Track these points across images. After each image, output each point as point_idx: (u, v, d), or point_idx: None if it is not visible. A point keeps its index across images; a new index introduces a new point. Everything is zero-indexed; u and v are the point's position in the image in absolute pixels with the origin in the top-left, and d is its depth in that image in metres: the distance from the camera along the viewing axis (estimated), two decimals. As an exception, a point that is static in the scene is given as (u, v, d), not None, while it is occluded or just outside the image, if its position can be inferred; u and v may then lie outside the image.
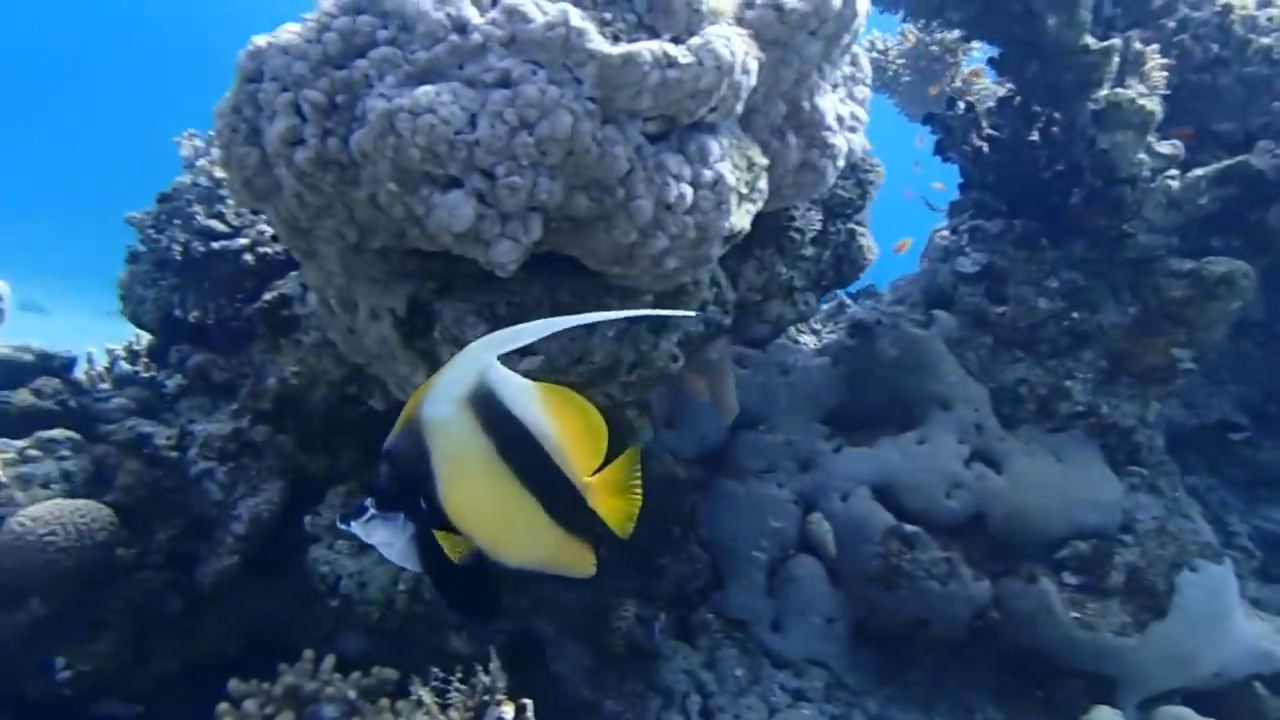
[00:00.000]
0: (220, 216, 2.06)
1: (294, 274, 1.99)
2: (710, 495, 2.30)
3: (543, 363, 1.40)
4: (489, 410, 0.92)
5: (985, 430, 2.17)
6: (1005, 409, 2.22)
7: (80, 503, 1.67)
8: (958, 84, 3.64)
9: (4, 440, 1.80)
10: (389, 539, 0.94)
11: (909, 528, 2.05)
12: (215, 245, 2.03)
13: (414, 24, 1.17)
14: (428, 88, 1.14)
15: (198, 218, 2.04)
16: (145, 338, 2.48)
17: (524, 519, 0.96)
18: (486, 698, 1.20)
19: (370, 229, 1.28)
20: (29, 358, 2.03)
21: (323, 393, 1.90)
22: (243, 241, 2.03)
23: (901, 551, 2.02)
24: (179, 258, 2.04)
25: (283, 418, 1.91)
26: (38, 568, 1.58)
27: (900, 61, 3.71)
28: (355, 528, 0.92)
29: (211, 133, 2.18)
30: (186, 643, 1.86)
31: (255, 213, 2.04)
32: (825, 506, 2.20)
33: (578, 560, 1.00)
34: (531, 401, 0.94)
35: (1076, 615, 1.91)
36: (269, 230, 2.03)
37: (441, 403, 0.91)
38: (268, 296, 1.94)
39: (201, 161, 2.08)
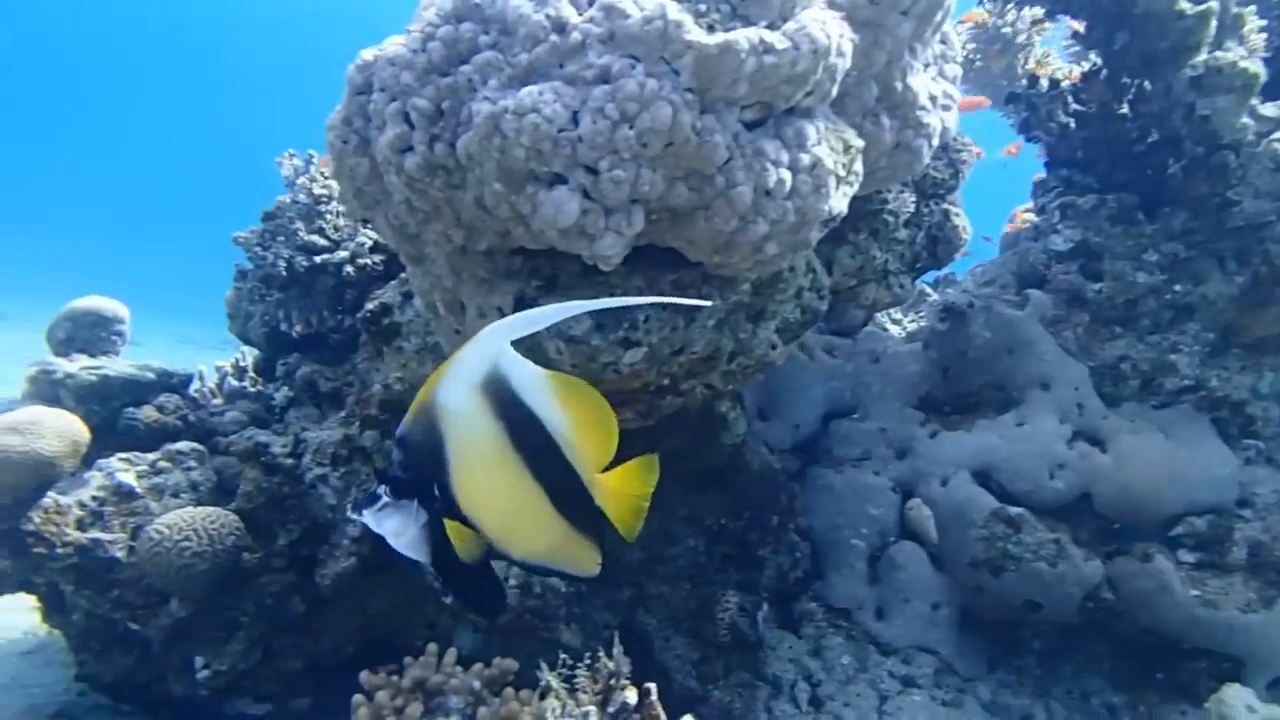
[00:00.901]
0: (320, 231, 2.15)
1: (393, 284, 2.05)
2: (806, 485, 2.30)
3: (646, 354, 1.42)
4: (501, 397, 0.92)
5: (1087, 409, 2.12)
6: (1106, 387, 2.17)
7: (209, 510, 1.75)
8: (1030, 65, 3.57)
9: (136, 454, 1.90)
10: (400, 528, 0.93)
11: (1013, 510, 2.02)
12: (317, 259, 2.11)
13: (515, 27, 1.20)
14: (530, 88, 1.17)
15: (300, 234, 2.12)
16: (249, 353, 2.59)
17: (530, 510, 0.95)
18: (612, 682, 1.22)
19: (477, 230, 1.32)
20: (151, 376, 2.14)
21: (426, 397, 1.96)
22: (342, 254, 2.10)
23: (1007, 534, 1.99)
24: (284, 273, 2.12)
25: (389, 422, 1.98)
26: (175, 572, 1.66)
27: (971, 46, 3.66)
28: (367, 517, 0.93)
29: (308, 154, 2.27)
30: (309, 642, 1.93)
31: (364, 223, 2.11)
32: (924, 492, 2.18)
33: (582, 558, 1.00)
34: (544, 391, 0.94)
35: (1196, 593, 1.85)
36: (367, 242, 2.10)
37: (456, 389, 0.90)
38: (370, 306, 2.01)
39: (301, 180, 2.16)
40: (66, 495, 1.74)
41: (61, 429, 1.73)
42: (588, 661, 1.29)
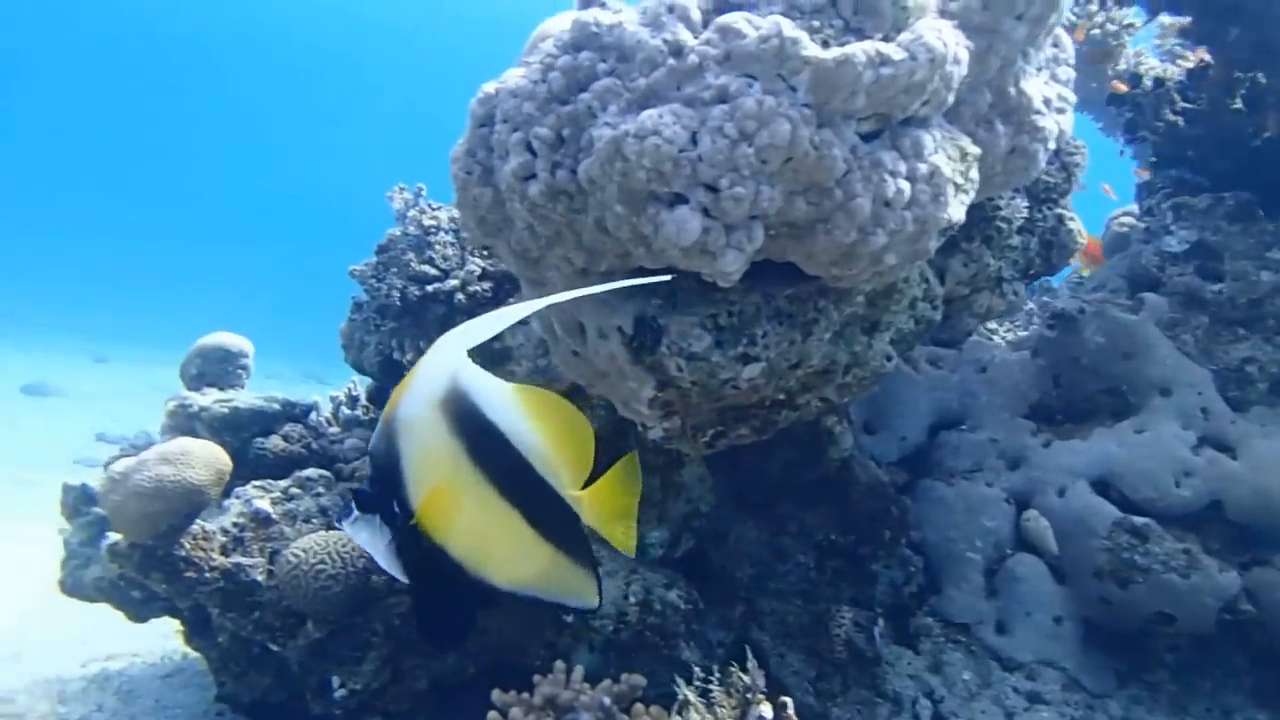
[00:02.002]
0: (430, 261, 2.22)
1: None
2: (917, 498, 2.27)
3: (764, 369, 1.43)
4: (460, 413, 0.87)
5: (1213, 413, 2.05)
6: (1231, 390, 2.09)
7: (340, 534, 1.82)
8: (1122, 65, 3.49)
9: (269, 481, 1.99)
10: (371, 541, 0.90)
11: (1138, 520, 1.96)
12: (429, 289, 2.18)
13: (632, 53, 1.24)
14: (650, 111, 1.21)
15: (412, 264, 2.20)
16: (362, 383, 2.68)
17: (503, 532, 0.90)
18: (748, 696, 1.23)
19: (597, 253, 1.36)
20: (276, 407, 2.24)
21: (538, 419, 2.01)
22: (452, 283, 2.17)
23: (1133, 545, 1.93)
24: (398, 303, 2.20)
25: (503, 445, 2.02)
26: (312, 595, 1.73)
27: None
28: (345, 527, 0.91)
29: (417, 187, 2.36)
30: (434, 662, 1.98)
31: (484, 250, 2.18)
32: (1041, 503, 2.13)
33: (576, 586, 0.94)
34: (507, 404, 0.89)
35: (1345, 603, 1.77)
36: (476, 270, 2.17)
37: (414, 403, 0.87)
38: (481, 332, 2.07)
39: (412, 212, 2.25)
40: (210, 522, 1.83)
41: (208, 458, 1.83)
42: (718, 676, 1.30)
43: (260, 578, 1.80)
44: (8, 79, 31.20)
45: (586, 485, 0.94)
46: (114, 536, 1.82)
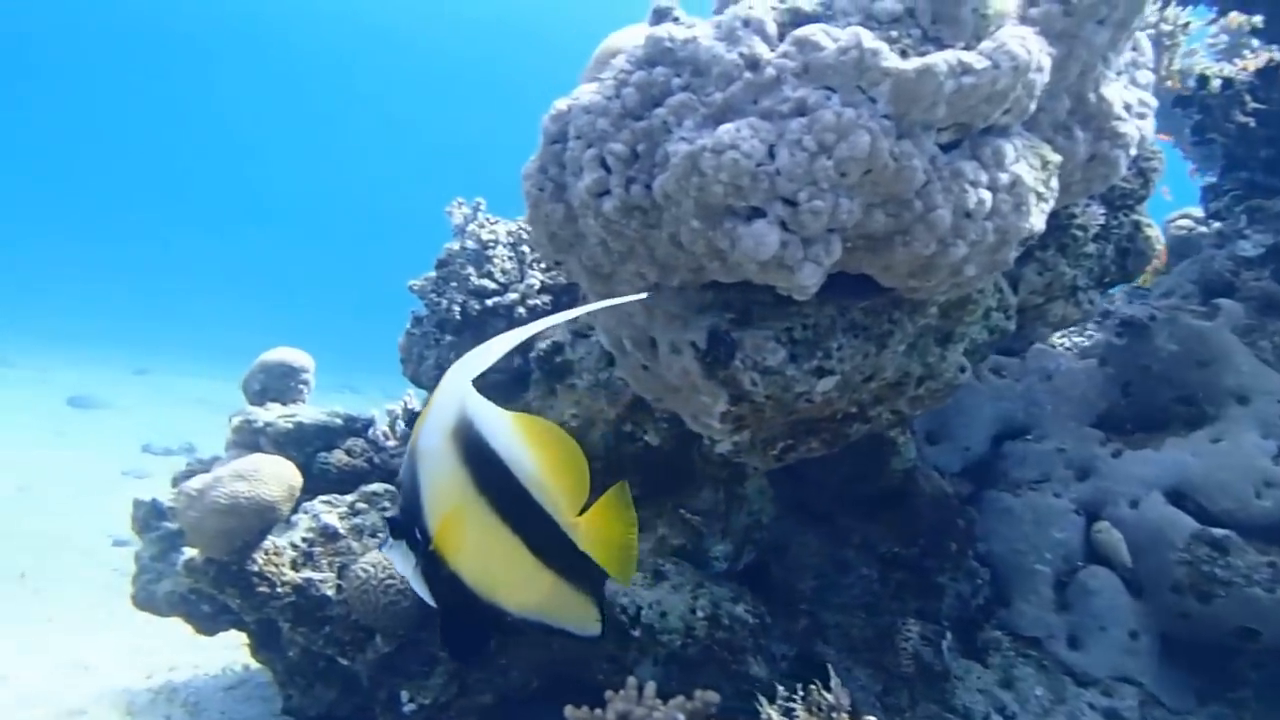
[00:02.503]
0: (489, 275, 2.23)
1: (562, 322, 2.11)
2: (983, 509, 2.23)
3: (839, 382, 1.42)
4: (467, 442, 0.91)
5: (1292, 422, 1.99)
6: (1311, 398, 2.03)
7: (406, 547, 1.83)
8: (1175, 65, 3.42)
9: (335, 496, 2.00)
10: (404, 566, 0.94)
11: (1218, 531, 1.91)
12: (488, 302, 2.19)
13: (707, 68, 1.24)
14: (727, 125, 1.20)
15: (471, 279, 2.21)
16: (418, 395, 2.70)
17: (507, 559, 0.92)
18: (834, 716, 1.21)
19: (670, 268, 1.36)
20: (339, 421, 2.26)
21: (601, 431, 2.01)
22: (512, 296, 2.18)
23: (1213, 558, 1.88)
24: (458, 317, 2.22)
25: (566, 459, 2.02)
26: (381, 609, 1.74)
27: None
28: (385, 552, 0.96)
29: (475, 201, 2.37)
30: (498, 677, 1.99)
31: (557, 263, 2.17)
32: (1112, 514, 2.08)
33: (577, 613, 0.96)
34: (507, 434, 0.92)
35: None
36: (536, 284, 2.17)
37: (431, 433, 0.91)
38: (542, 345, 2.07)
39: (471, 226, 2.26)
40: (280, 537, 1.85)
41: (280, 474, 1.85)
42: (802, 694, 1.29)
43: (330, 592, 1.82)
44: (30, 88, 32.10)
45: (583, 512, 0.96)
46: (189, 552, 1.85)
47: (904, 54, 1.20)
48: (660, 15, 1.33)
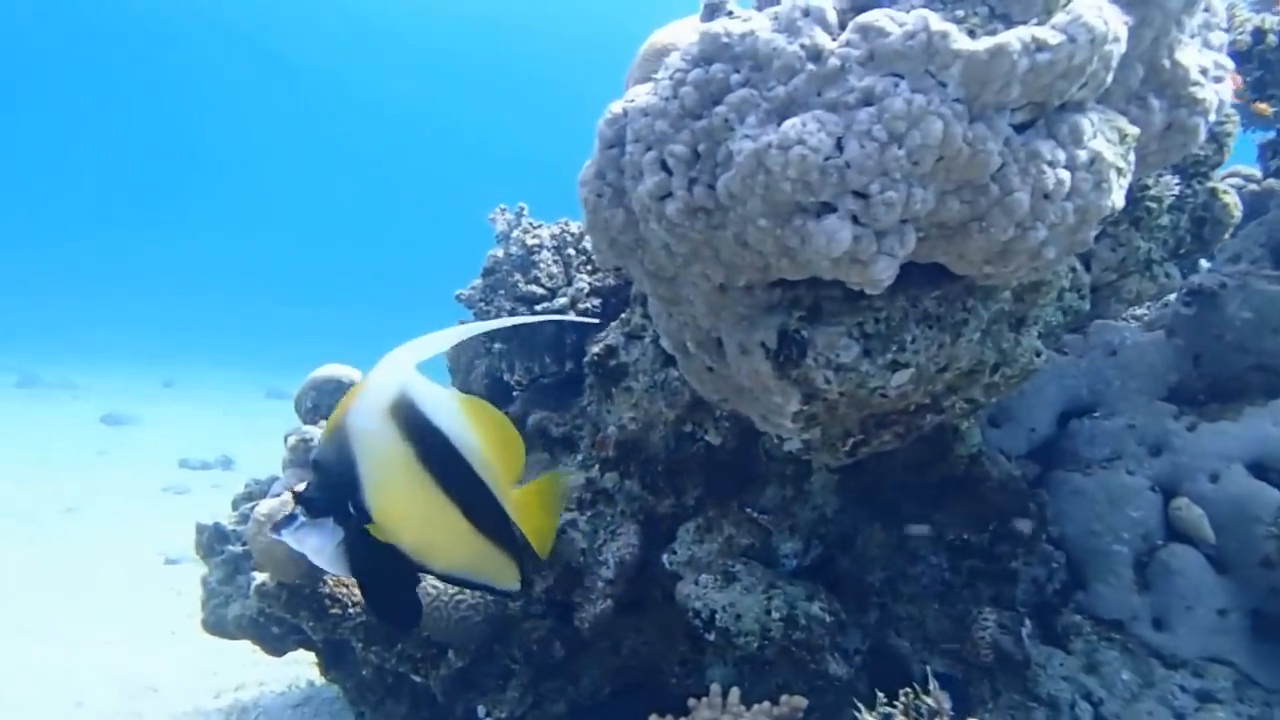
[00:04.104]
0: (536, 281, 2.21)
1: (614, 325, 2.09)
2: (1053, 491, 2.17)
3: (913, 375, 1.38)
4: (409, 419, 0.98)
5: (1377, 386, 1.92)
6: (1395, 360, 1.96)
7: (474, 561, 1.81)
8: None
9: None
10: (320, 545, 0.99)
11: (1306, 503, 1.84)
12: (538, 308, 2.17)
13: (767, 62, 1.20)
14: (792, 120, 1.16)
15: (519, 285, 2.19)
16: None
17: (445, 524, 1.01)
18: None
19: (736, 268, 1.32)
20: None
21: (661, 434, 1.98)
22: (561, 301, 2.15)
23: (1303, 530, 1.82)
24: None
25: (627, 462, 2.00)
26: (453, 625, 1.73)
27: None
28: (286, 536, 1.00)
29: (518, 206, 2.35)
30: (570, 685, 1.97)
31: (614, 270, 2.15)
32: (1191, 490, 2.02)
33: (501, 571, 1.07)
34: (451, 412, 1.00)
35: None
36: (585, 287, 2.14)
37: (366, 413, 0.97)
38: (595, 350, 2.05)
39: (515, 233, 2.23)
40: (347, 557, 1.84)
41: (344, 495, 1.84)
42: (902, 702, 1.25)
43: (400, 610, 1.81)
44: (39, 101, 32.62)
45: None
46: (260, 576, 1.84)
47: (972, 34, 1.16)
48: (713, 10, 1.29)
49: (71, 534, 4.95)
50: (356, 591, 1.79)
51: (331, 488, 0.99)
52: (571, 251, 2.21)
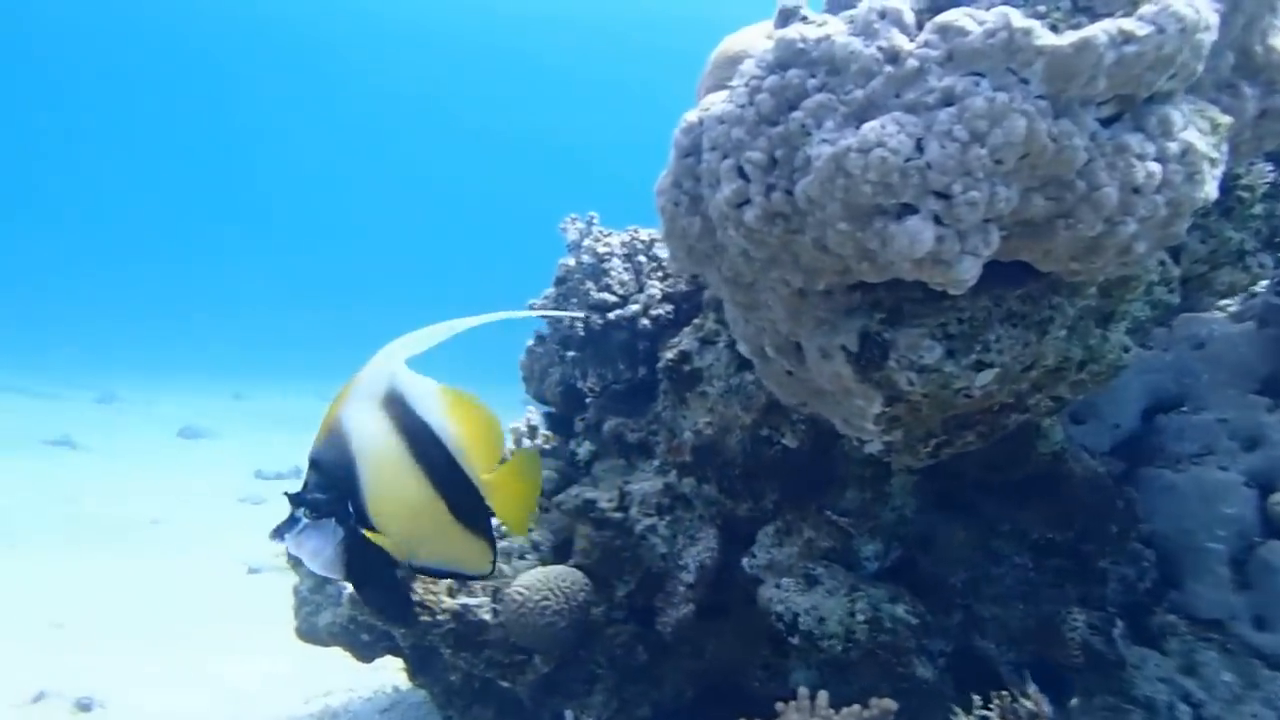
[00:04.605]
0: (608, 289, 2.23)
1: (686, 331, 2.09)
2: (1142, 488, 2.12)
3: (998, 374, 1.36)
4: (400, 413, 0.98)
5: None
6: None
7: (559, 569, 1.84)
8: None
9: (479, 519, 2.03)
10: (319, 547, 0.97)
11: None
12: (610, 316, 2.19)
13: (844, 65, 1.20)
14: (871, 123, 1.16)
15: (591, 293, 2.21)
16: (535, 412, 2.71)
17: (431, 518, 1.01)
18: (1034, 723, 1.17)
19: (815, 272, 1.32)
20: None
21: (737, 438, 1.98)
22: (634, 308, 2.17)
23: None
24: (581, 333, 2.22)
25: (703, 467, 2.01)
26: (539, 631, 1.76)
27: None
28: (289, 541, 0.97)
29: (589, 215, 2.37)
30: (653, 690, 1.99)
31: (690, 277, 2.15)
32: (1290, 485, 1.96)
33: (475, 557, 1.06)
34: (435, 403, 0.99)
35: None
36: (657, 293, 2.16)
37: (361, 409, 0.96)
38: (669, 355, 2.06)
39: (586, 241, 2.26)
40: (433, 565, 1.88)
41: (430, 505, 1.88)
42: (998, 705, 1.24)
43: (487, 617, 1.84)
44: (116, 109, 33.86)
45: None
46: (350, 586, 1.90)
47: (1054, 29, 1.14)
48: (787, 16, 1.29)
49: (160, 545, 5.13)
50: (445, 598, 1.83)
51: (333, 487, 0.98)
52: (642, 259, 2.23)
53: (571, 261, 2.30)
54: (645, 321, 2.13)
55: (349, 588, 1.91)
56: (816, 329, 1.41)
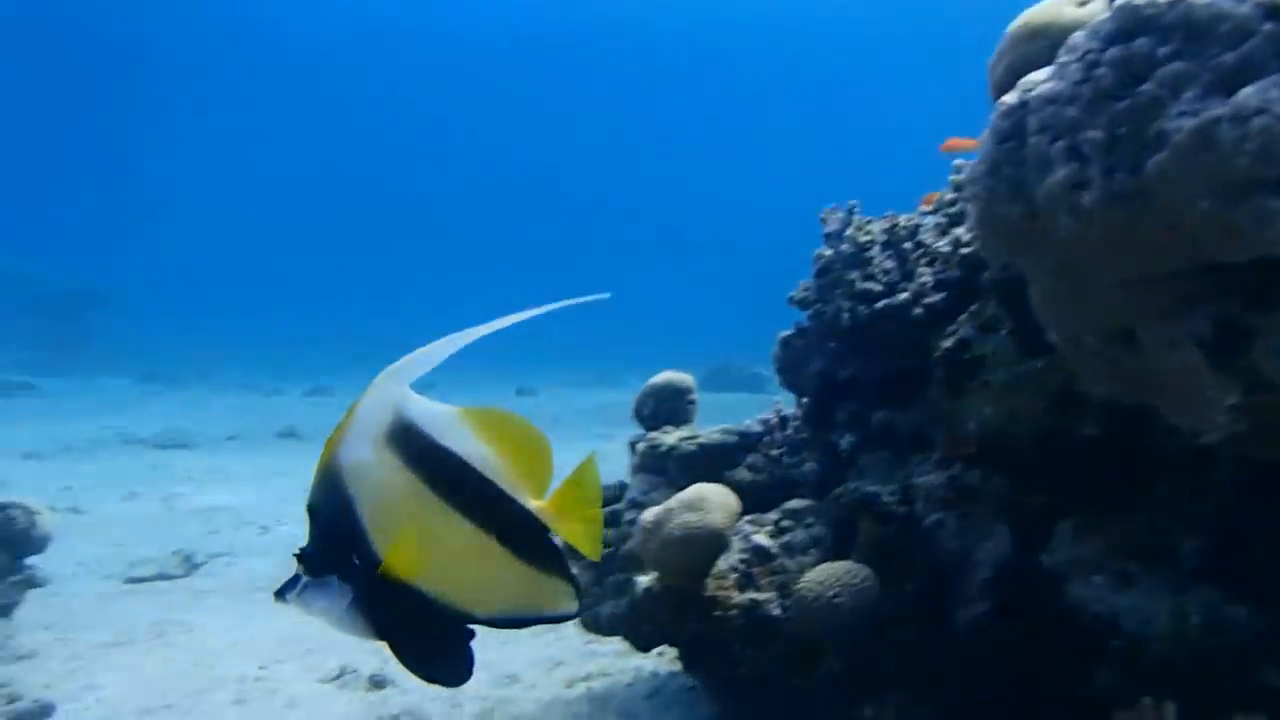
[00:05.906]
0: (872, 278, 2.17)
1: (963, 318, 2.01)
2: None
3: None
4: (410, 444, 0.85)
5: None
6: None
7: (847, 565, 1.82)
8: None
9: (757, 514, 2.04)
10: (328, 606, 0.85)
11: None
12: (877, 305, 2.14)
13: (1208, 28, 1.09)
14: (1247, 90, 1.05)
15: (856, 283, 2.16)
16: (785, 405, 2.69)
17: (478, 557, 0.88)
18: None
19: (1161, 255, 1.22)
20: (734, 438, 2.31)
21: (1025, 428, 1.88)
22: (903, 296, 2.10)
23: None
24: (846, 323, 2.18)
25: (991, 459, 1.92)
26: (830, 627, 1.74)
27: None
28: (292, 601, 0.85)
29: (849, 204, 2.32)
30: (945, 689, 1.92)
31: (1003, 267, 2.07)
32: None
33: (555, 598, 0.90)
34: (458, 427, 0.87)
35: None
36: (929, 281, 2.08)
37: (356, 446, 0.85)
38: (946, 344, 1.98)
39: (848, 231, 2.21)
40: (720, 561, 1.91)
41: (722, 502, 1.92)
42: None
43: (776, 612, 1.85)
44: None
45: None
46: (644, 580, 1.96)
47: None
48: (1122, -20, 1.20)
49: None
50: (736, 594, 1.85)
51: (330, 539, 0.86)
52: (908, 245, 2.16)
53: (829, 252, 2.26)
54: (918, 310, 2.06)
55: (643, 581, 1.96)
56: (1158, 316, 1.31)
